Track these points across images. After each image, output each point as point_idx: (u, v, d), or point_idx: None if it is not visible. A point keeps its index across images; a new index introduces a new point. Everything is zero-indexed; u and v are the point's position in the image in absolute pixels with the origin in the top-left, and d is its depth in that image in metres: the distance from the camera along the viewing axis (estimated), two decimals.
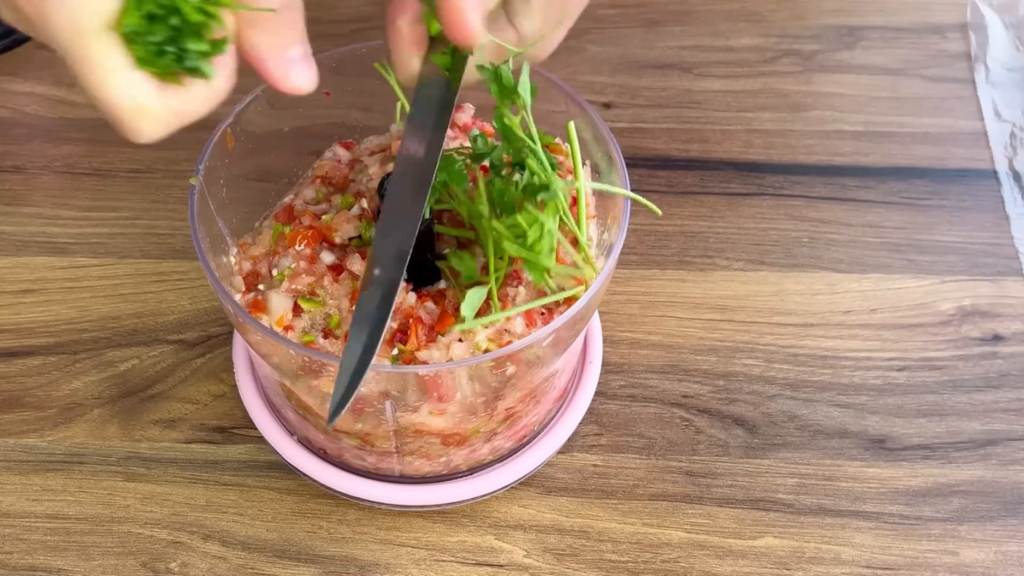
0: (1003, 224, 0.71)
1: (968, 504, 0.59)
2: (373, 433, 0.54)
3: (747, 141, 0.75)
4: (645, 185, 0.72)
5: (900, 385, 0.63)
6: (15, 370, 0.64)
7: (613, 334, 0.65)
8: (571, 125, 0.54)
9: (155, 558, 0.57)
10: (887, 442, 0.61)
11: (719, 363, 0.64)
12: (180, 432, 0.62)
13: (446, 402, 0.51)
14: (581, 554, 0.57)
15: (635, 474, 0.60)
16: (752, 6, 0.84)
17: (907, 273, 0.68)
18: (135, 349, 0.65)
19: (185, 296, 0.67)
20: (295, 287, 0.53)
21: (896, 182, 0.73)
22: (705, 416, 0.62)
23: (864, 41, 0.82)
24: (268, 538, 0.58)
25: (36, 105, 0.77)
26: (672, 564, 0.57)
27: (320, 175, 0.59)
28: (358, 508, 0.59)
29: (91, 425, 0.62)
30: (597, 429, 0.62)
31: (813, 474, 0.60)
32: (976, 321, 0.66)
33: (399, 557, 0.57)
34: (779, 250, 0.69)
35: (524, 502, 0.59)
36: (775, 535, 0.58)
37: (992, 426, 0.62)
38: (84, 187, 0.73)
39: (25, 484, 0.60)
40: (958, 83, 0.79)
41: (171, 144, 0.76)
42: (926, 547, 0.57)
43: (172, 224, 0.71)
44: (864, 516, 0.58)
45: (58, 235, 0.70)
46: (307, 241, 0.54)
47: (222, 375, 0.64)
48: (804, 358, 0.65)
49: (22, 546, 0.58)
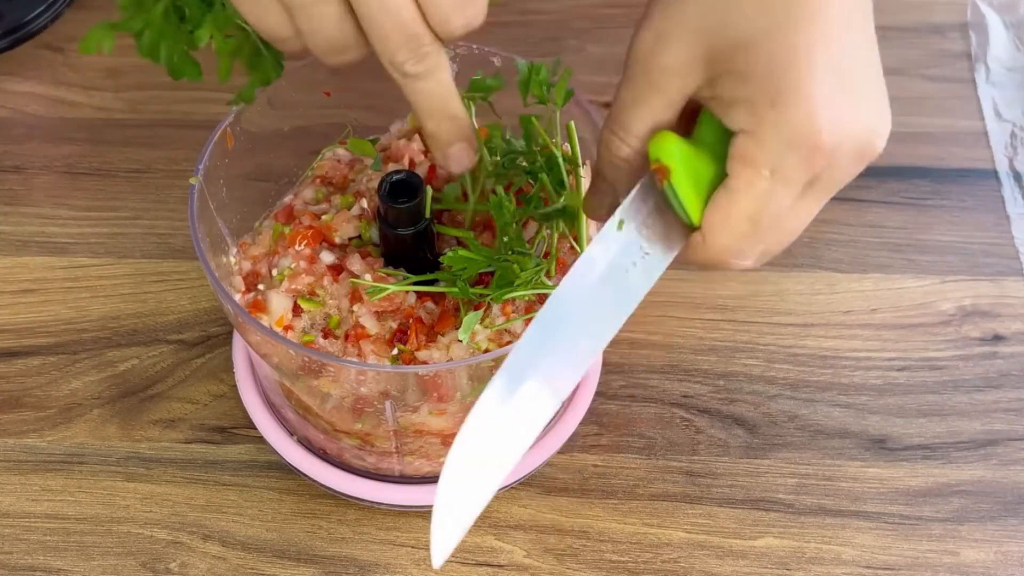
0: (1003, 224, 0.71)
1: (968, 504, 0.59)
2: (373, 433, 0.54)
3: None
4: None
5: (900, 385, 0.63)
6: (15, 370, 0.64)
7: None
8: (572, 125, 0.54)
9: (155, 558, 0.57)
10: (887, 442, 0.61)
11: (719, 363, 0.64)
12: (180, 432, 0.62)
13: (446, 402, 0.51)
14: (581, 554, 0.57)
15: (635, 474, 0.60)
16: None
17: (907, 273, 0.68)
18: (135, 349, 0.65)
19: (185, 296, 0.67)
20: (295, 287, 0.53)
21: (896, 182, 0.73)
22: (705, 416, 0.62)
23: None
24: (268, 538, 0.58)
25: (36, 105, 0.77)
26: (672, 564, 0.57)
27: (320, 175, 0.59)
28: (358, 508, 0.59)
29: (91, 425, 0.62)
30: (597, 429, 0.62)
31: (813, 474, 0.60)
32: (976, 321, 0.66)
33: (399, 557, 0.57)
34: None
35: (524, 502, 0.59)
36: (775, 535, 0.58)
37: (992, 426, 0.62)
38: (84, 187, 0.73)
39: (25, 484, 0.60)
40: (958, 83, 0.79)
41: (171, 144, 0.76)
42: (926, 547, 0.57)
43: (172, 224, 0.70)
44: (864, 516, 0.58)
45: (58, 235, 0.70)
46: (307, 241, 0.54)
47: (222, 375, 0.64)
48: (804, 358, 0.65)
49: (22, 546, 0.57)
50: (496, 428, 0.42)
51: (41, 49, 0.80)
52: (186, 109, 0.76)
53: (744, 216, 0.42)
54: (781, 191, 0.42)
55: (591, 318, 0.44)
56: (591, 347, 0.44)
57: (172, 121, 0.75)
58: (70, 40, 0.80)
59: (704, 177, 0.43)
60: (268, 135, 0.58)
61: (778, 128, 0.41)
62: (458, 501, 0.42)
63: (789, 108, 0.40)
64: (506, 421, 0.42)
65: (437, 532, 0.41)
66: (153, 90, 0.77)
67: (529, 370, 0.42)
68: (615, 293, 0.44)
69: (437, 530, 0.41)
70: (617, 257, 0.44)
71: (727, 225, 0.43)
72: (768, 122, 0.41)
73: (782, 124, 0.41)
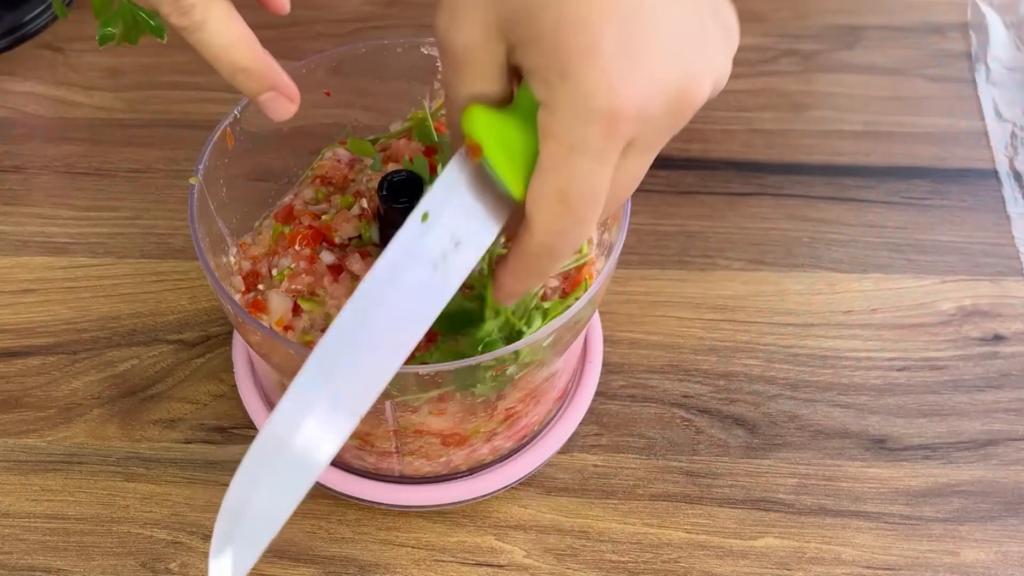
0: (1004, 224, 0.71)
1: (969, 504, 0.59)
2: (373, 433, 0.54)
3: (747, 141, 0.75)
4: (645, 185, 0.71)
5: (901, 385, 0.63)
6: (14, 370, 0.64)
7: (613, 334, 0.65)
8: None
9: (155, 558, 0.57)
10: (888, 442, 0.61)
11: (719, 363, 0.64)
12: (180, 432, 0.62)
13: (446, 402, 0.51)
14: (581, 554, 0.57)
15: (635, 474, 0.60)
16: (753, 6, 0.84)
17: (908, 273, 0.68)
18: (135, 349, 0.65)
19: (185, 296, 0.67)
20: (295, 287, 0.53)
21: (896, 182, 0.73)
22: (705, 416, 0.62)
23: (865, 41, 0.82)
24: None
25: (36, 105, 0.77)
26: (672, 564, 0.57)
27: (320, 175, 0.59)
28: (358, 508, 0.59)
29: (91, 425, 0.62)
30: (597, 429, 0.62)
31: (814, 474, 0.60)
32: (977, 321, 0.66)
33: (399, 557, 0.57)
34: (779, 250, 0.69)
35: (524, 502, 0.59)
36: (776, 535, 0.58)
37: (993, 426, 0.62)
38: (83, 187, 0.73)
39: (24, 484, 0.60)
40: (959, 83, 0.79)
41: (171, 144, 0.76)
42: (927, 547, 0.57)
43: (172, 224, 0.70)
44: (865, 516, 0.58)
45: (57, 235, 0.70)
46: (307, 241, 0.54)
47: (222, 375, 0.64)
48: (804, 358, 0.65)
49: (21, 546, 0.57)
50: (284, 454, 0.41)
51: (41, 49, 0.80)
52: (186, 109, 0.76)
53: (555, 193, 0.39)
54: (589, 165, 0.39)
55: (393, 324, 0.41)
56: (396, 355, 0.42)
57: (172, 121, 0.76)
58: (70, 40, 0.80)
59: (527, 148, 0.40)
60: (268, 135, 0.58)
61: (572, 100, 0.38)
62: (239, 535, 0.41)
63: (580, 78, 0.37)
64: (294, 448, 0.41)
65: (213, 563, 0.41)
66: (153, 90, 0.77)
67: (320, 389, 0.41)
68: (421, 293, 0.42)
69: (213, 560, 0.41)
70: (421, 253, 0.41)
71: (541, 204, 0.40)
72: (560, 94, 0.38)
73: (575, 95, 0.38)
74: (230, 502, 0.41)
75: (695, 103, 0.40)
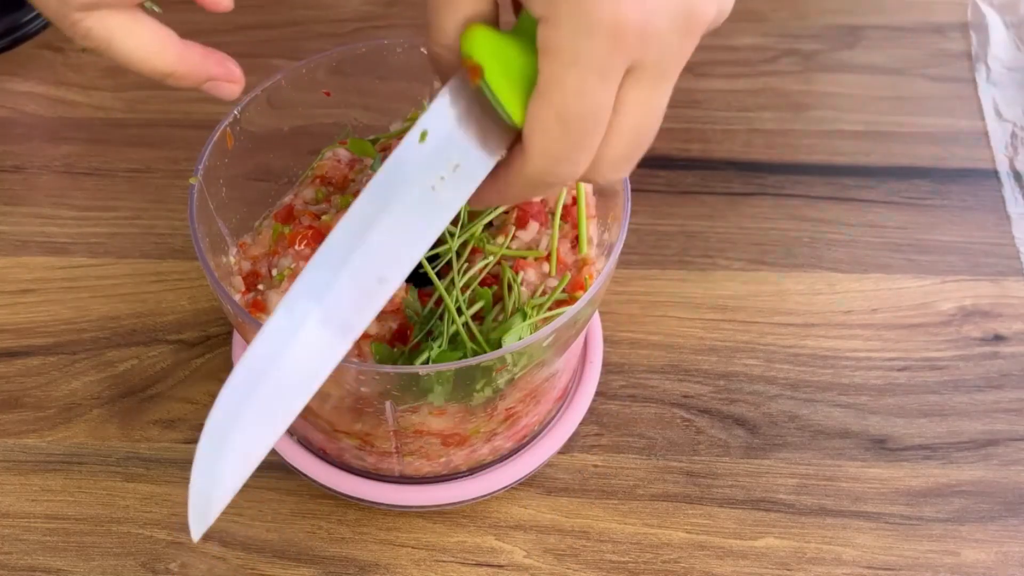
0: (1004, 224, 0.71)
1: (969, 504, 0.59)
2: (373, 433, 0.54)
3: (748, 141, 0.75)
4: (645, 185, 0.72)
5: (901, 385, 0.63)
6: (14, 370, 0.64)
7: (613, 334, 0.65)
8: None
9: (154, 558, 0.57)
10: (888, 442, 0.61)
11: (720, 363, 0.64)
12: (180, 432, 0.62)
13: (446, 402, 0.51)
14: (581, 554, 0.57)
15: (635, 474, 0.60)
16: (753, 5, 0.84)
17: (908, 273, 0.68)
18: (134, 349, 0.65)
19: (184, 296, 0.67)
20: None
21: (897, 182, 0.73)
22: (706, 416, 0.62)
23: (865, 40, 0.82)
24: (268, 538, 0.58)
25: (36, 105, 0.77)
26: (672, 564, 0.57)
27: (320, 175, 0.59)
28: (358, 508, 0.59)
29: (90, 425, 0.62)
30: (597, 429, 0.62)
31: (814, 474, 0.60)
32: (977, 321, 0.66)
33: (399, 557, 0.57)
34: (780, 250, 0.69)
35: (524, 502, 0.59)
36: (776, 535, 0.58)
37: (993, 426, 0.62)
38: (83, 187, 0.73)
39: (24, 484, 0.60)
40: (959, 82, 0.79)
41: (171, 144, 0.76)
42: (927, 547, 0.57)
43: (172, 224, 0.70)
44: (865, 516, 0.58)
45: (57, 235, 0.70)
46: (307, 241, 0.54)
47: (222, 375, 0.64)
48: (805, 358, 0.64)
49: (21, 546, 0.57)
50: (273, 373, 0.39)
51: (41, 49, 0.80)
52: (186, 109, 0.76)
53: (554, 114, 0.38)
54: (590, 82, 0.37)
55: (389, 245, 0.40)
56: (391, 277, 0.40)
57: (171, 121, 0.76)
58: (70, 40, 0.80)
59: (527, 72, 0.39)
60: (268, 135, 0.58)
61: (573, 13, 0.36)
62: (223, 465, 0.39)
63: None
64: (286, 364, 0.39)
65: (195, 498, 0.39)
66: (152, 90, 0.77)
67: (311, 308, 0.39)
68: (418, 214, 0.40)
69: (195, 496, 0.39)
70: (419, 174, 0.40)
71: (539, 127, 0.38)
72: (562, 8, 0.36)
73: (577, 8, 0.36)
74: (213, 425, 0.39)
75: (701, 23, 0.39)
